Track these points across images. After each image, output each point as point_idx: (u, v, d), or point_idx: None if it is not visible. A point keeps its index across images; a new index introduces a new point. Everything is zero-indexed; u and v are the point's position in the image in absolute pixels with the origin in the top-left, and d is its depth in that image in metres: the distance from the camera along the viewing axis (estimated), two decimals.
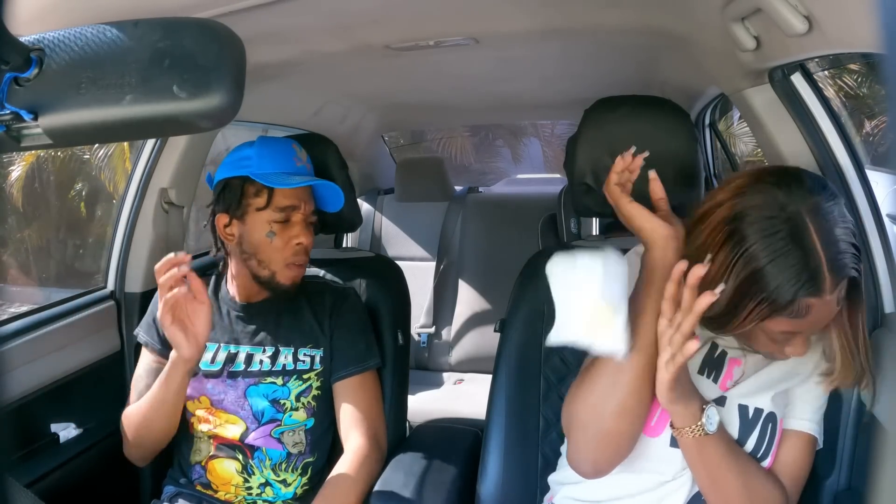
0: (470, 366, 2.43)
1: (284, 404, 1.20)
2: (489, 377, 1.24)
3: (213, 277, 1.29)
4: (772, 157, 1.10)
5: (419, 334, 2.49)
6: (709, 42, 1.09)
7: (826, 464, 1.03)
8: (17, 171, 8.03)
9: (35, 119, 0.54)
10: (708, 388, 0.92)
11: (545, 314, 1.17)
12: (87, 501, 1.23)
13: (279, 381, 1.20)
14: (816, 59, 1.24)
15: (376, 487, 1.20)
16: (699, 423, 0.83)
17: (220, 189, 1.19)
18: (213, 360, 1.21)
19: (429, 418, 1.87)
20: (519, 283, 1.24)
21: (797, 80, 1.03)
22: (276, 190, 1.16)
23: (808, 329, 0.80)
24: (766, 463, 0.91)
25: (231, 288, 1.26)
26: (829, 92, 6.46)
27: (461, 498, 1.22)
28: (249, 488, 1.20)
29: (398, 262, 1.56)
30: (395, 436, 1.36)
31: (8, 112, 0.54)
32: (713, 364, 0.93)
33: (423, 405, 2.10)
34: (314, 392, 1.23)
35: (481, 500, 1.15)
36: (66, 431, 1.35)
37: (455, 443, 1.37)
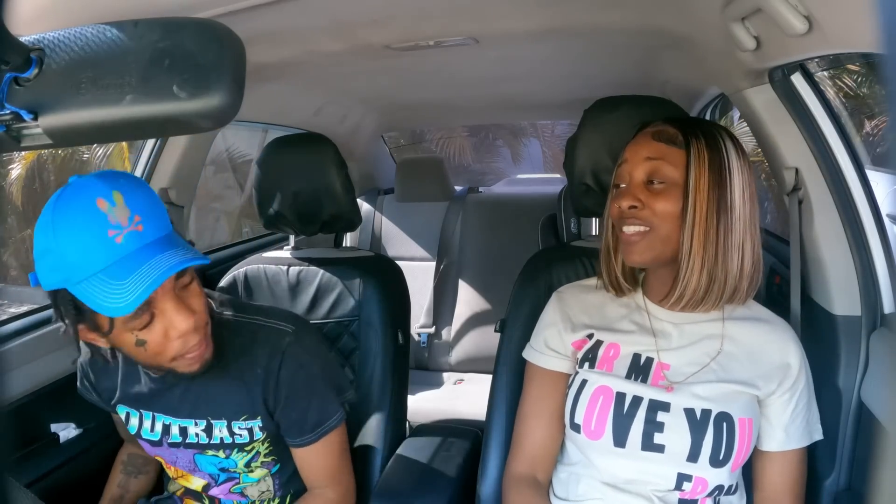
0: (470, 366, 2.43)
1: (235, 471, 1.10)
2: (489, 377, 1.24)
3: None
4: (772, 157, 1.10)
5: (419, 334, 2.49)
6: (709, 42, 1.08)
7: (826, 464, 1.03)
8: (16, 171, 8.03)
9: (35, 119, 0.54)
10: (640, 388, 0.93)
11: None
12: (87, 501, 1.23)
13: (221, 453, 1.07)
14: (816, 59, 1.24)
15: (376, 487, 1.20)
16: None
17: (53, 301, 0.85)
18: (151, 429, 1.07)
19: (429, 418, 1.88)
20: (519, 282, 1.24)
21: (797, 80, 1.03)
22: None
23: (631, 161, 0.93)
24: (731, 464, 0.90)
25: None
26: (830, 92, 6.45)
27: (461, 498, 1.22)
28: None
29: (398, 262, 1.56)
30: (395, 436, 1.36)
31: (8, 112, 0.54)
32: (639, 370, 0.95)
33: (423, 405, 2.10)
34: (265, 452, 1.09)
35: (481, 500, 1.15)
36: (66, 431, 1.34)
37: (455, 443, 1.37)
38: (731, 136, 0.92)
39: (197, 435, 1.05)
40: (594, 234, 1.36)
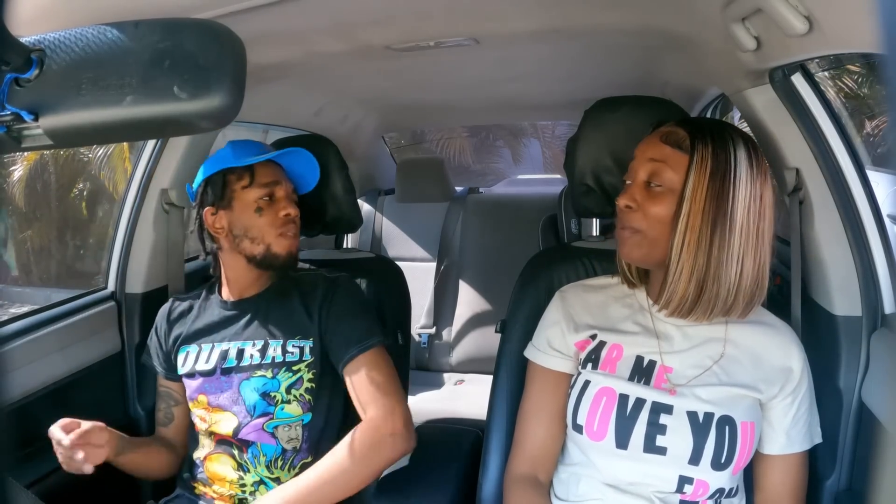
0: (470, 366, 2.43)
1: (275, 397, 1.21)
2: (490, 378, 1.24)
3: (207, 283, 1.34)
4: (772, 158, 1.09)
5: (419, 335, 2.49)
6: (709, 42, 1.08)
7: (826, 464, 1.03)
8: (18, 172, 8.04)
9: (36, 120, 0.54)
10: (643, 390, 0.93)
11: None
12: (87, 502, 1.23)
13: (269, 373, 1.22)
14: (817, 60, 1.24)
15: (376, 488, 1.20)
16: None
17: (203, 188, 1.27)
18: (207, 360, 1.25)
19: (429, 419, 1.87)
20: (520, 283, 1.24)
21: (798, 80, 1.03)
22: (257, 169, 1.25)
23: (637, 160, 0.94)
24: (733, 467, 0.90)
25: (224, 289, 1.31)
26: (830, 93, 6.45)
27: (462, 498, 1.22)
28: (243, 486, 1.21)
29: (398, 263, 1.56)
30: None
31: (8, 113, 0.54)
32: (642, 372, 0.95)
33: (423, 406, 2.10)
34: (306, 384, 1.23)
35: (482, 501, 1.15)
36: None
37: (456, 443, 1.37)
38: (749, 144, 0.89)
39: (252, 355, 1.23)
40: (595, 234, 1.36)
